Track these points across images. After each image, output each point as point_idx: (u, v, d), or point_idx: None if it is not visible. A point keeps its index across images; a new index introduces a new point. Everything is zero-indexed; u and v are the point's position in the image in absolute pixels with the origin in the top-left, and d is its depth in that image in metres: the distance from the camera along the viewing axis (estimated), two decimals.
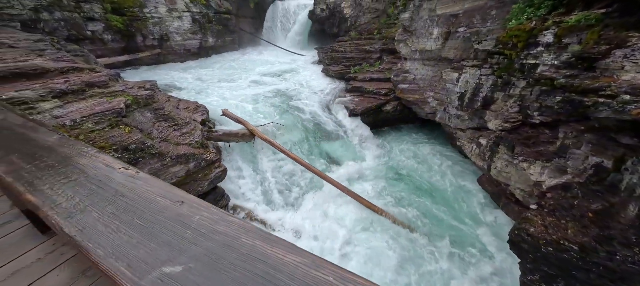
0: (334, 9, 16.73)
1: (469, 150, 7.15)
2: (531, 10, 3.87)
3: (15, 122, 2.29)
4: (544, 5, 3.76)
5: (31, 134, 1.99)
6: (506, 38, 4.03)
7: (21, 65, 5.25)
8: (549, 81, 3.56)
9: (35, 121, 2.46)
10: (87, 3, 11.73)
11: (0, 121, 2.33)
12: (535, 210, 3.57)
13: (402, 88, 9.46)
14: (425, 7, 6.90)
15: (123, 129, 4.56)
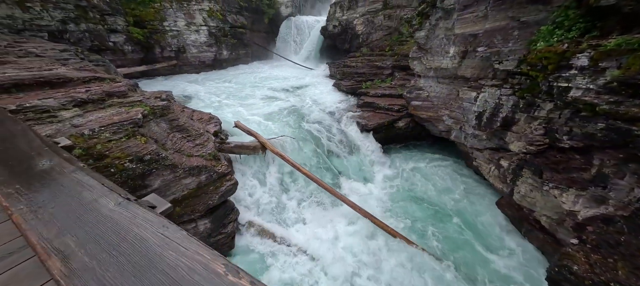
0: (347, 25, 17.04)
1: (486, 171, 6.88)
2: (561, 32, 3.75)
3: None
4: (575, 28, 3.65)
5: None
6: (535, 59, 3.91)
7: (46, 74, 5.41)
8: (588, 106, 3.37)
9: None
10: (111, 16, 12.30)
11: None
12: (576, 245, 3.28)
13: (415, 105, 9.34)
14: (441, 26, 6.89)
15: (139, 140, 4.56)
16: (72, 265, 1.06)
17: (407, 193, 7.69)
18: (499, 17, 4.83)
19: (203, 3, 14.67)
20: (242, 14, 17.46)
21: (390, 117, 9.86)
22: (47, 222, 1.32)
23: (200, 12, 14.79)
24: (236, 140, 7.62)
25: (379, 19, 15.68)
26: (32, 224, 1.28)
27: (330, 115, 10.77)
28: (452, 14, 6.51)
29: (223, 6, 15.76)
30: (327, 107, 11.39)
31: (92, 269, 1.03)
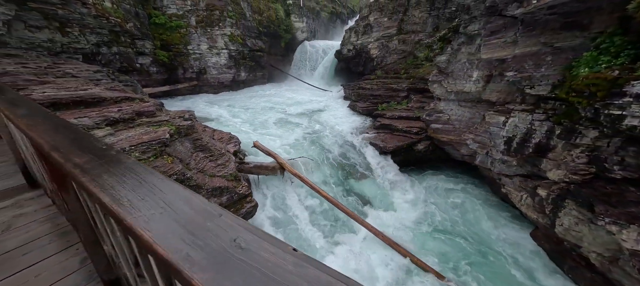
0: (361, 49, 17.47)
1: (517, 199, 6.48)
2: (607, 58, 3.61)
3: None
4: (623, 54, 3.50)
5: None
6: (581, 86, 3.75)
7: (82, 93, 5.66)
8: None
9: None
10: (140, 40, 13.10)
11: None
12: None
13: (435, 128, 9.16)
14: (464, 51, 6.87)
15: (166, 160, 4.58)
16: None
17: (432, 221, 7.29)
18: (529, 43, 4.77)
19: (225, 29, 15.50)
20: (260, 38, 18.28)
21: (409, 140, 9.67)
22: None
23: (222, 36, 15.58)
24: (255, 160, 7.59)
25: (394, 43, 16.01)
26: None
27: (347, 136, 10.69)
28: (475, 40, 6.50)
29: (243, 31, 16.58)
30: (343, 129, 11.35)
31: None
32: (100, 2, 10.85)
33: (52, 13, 9.56)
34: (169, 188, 0.80)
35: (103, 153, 1.00)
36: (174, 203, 0.72)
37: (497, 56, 5.47)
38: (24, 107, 1.57)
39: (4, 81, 5.62)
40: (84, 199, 1.11)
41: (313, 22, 24.27)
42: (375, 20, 16.32)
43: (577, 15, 4.02)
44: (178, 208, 0.71)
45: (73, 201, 1.18)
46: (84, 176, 0.83)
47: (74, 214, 1.22)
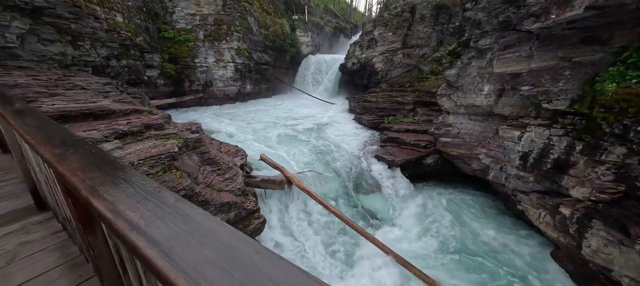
0: (365, 63, 17.65)
1: (535, 216, 6.22)
2: (636, 73, 3.51)
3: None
4: None
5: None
6: (610, 101, 3.63)
7: (91, 106, 5.62)
8: None
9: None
10: (149, 53, 13.31)
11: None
12: None
13: (444, 142, 9.00)
14: (474, 65, 6.83)
15: (175, 174, 4.45)
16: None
17: (446, 238, 7.00)
18: (546, 57, 4.70)
19: (232, 42, 15.76)
20: (266, 52, 18.56)
21: (418, 154, 9.50)
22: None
23: (229, 50, 15.82)
24: (262, 174, 7.43)
25: (398, 57, 16.16)
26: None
27: (353, 149, 10.55)
28: (486, 54, 6.46)
29: (250, 45, 16.85)
30: (350, 141, 11.23)
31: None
32: (112, 16, 11.10)
33: (65, 27, 9.76)
34: (241, 243, 0.62)
35: (143, 188, 0.86)
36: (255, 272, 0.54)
37: (511, 70, 5.40)
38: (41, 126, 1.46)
39: (15, 93, 5.61)
40: (114, 244, 0.96)
41: (317, 37, 24.72)
42: (380, 34, 16.56)
43: (597, 30, 3.96)
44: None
45: (100, 245, 1.03)
46: (118, 219, 0.69)
47: (99, 259, 1.07)
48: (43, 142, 1.19)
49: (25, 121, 1.54)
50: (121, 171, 0.95)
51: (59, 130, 1.43)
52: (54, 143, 1.20)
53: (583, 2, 3.56)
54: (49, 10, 9.00)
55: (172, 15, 14.60)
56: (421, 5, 15.17)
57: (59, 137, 1.38)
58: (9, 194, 2.29)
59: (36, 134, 1.43)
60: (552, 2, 3.98)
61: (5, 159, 2.81)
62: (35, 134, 1.38)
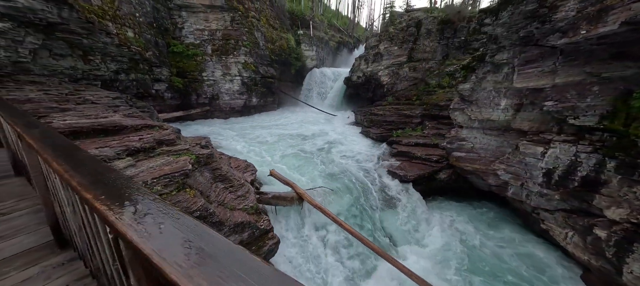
0: (371, 76, 17.73)
1: (561, 237, 5.91)
2: None
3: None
4: None
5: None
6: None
7: (103, 121, 5.51)
8: None
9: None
10: (158, 67, 13.42)
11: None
12: None
13: (457, 156, 8.79)
14: (489, 79, 6.74)
15: (188, 193, 4.25)
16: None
17: (463, 258, 6.66)
18: (572, 73, 4.58)
19: (239, 57, 15.92)
20: (272, 66, 18.73)
21: (431, 168, 9.27)
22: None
23: (236, 64, 15.96)
24: (274, 191, 7.21)
25: (404, 70, 16.23)
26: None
27: (363, 163, 10.34)
28: (502, 68, 6.37)
29: (256, 59, 17.02)
30: (359, 156, 11.04)
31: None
32: (124, 32, 11.24)
33: (77, 42, 9.87)
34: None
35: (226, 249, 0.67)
36: None
37: (534, 85, 5.28)
38: (70, 154, 1.30)
39: (26, 108, 5.52)
40: None
41: (322, 51, 25.07)
42: (386, 49, 16.71)
43: (629, 45, 3.86)
44: None
45: None
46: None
47: None
48: (78, 177, 1.02)
49: (53, 147, 1.37)
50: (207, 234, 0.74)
51: (90, 161, 1.26)
52: (89, 179, 1.02)
53: (618, 18, 3.48)
54: (62, 26, 9.11)
55: (182, 30, 14.84)
56: (427, 20, 15.37)
57: (90, 167, 1.22)
58: (24, 227, 2.05)
59: (65, 162, 1.26)
60: (581, 18, 3.91)
61: (18, 183, 2.61)
62: (65, 164, 1.21)
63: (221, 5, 15.01)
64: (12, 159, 2.72)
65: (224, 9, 15.17)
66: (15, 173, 2.74)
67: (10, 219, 1.95)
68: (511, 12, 5.06)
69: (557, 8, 4.16)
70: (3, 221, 1.91)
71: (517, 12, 4.92)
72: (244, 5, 16.13)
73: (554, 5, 4.19)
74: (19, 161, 2.58)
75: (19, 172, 2.74)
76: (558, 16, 4.23)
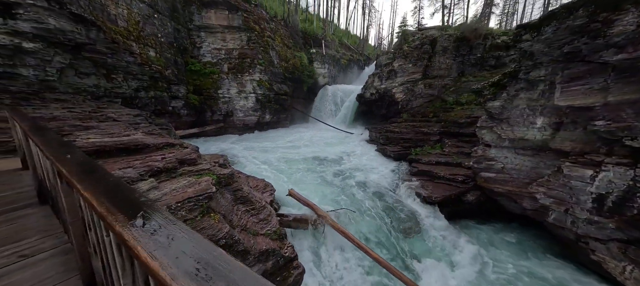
0: (384, 93, 17.60)
1: (616, 270, 5.26)
2: None
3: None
4: None
5: None
6: None
7: (125, 140, 5.40)
8: None
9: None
10: (176, 85, 13.67)
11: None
12: None
13: (486, 177, 8.28)
14: (522, 96, 6.39)
15: (213, 218, 3.97)
16: None
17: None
18: (628, 91, 4.23)
19: (255, 74, 16.15)
20: (285, 83, 18.92)
21: (457, 189, 8.74)
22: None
23: (251, 82, 16.17)
24: (294, 212, 6.85)
25: (419, 87, 16.04)
26: None
27: (384, 183, 9.90)
28: (537, 85, 6.04)
29: (271, 77, 17.23)
30: (378, 174, 10.62)
31: None
32: (146, 51, 11.57)
33: (101, 61, 10.16)
34: None
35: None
36: None
37: (580, 104, 4.91)
38: (115, 194, 1.05)
39: (52, 126, 5.49)
40: None
41: (333, 68, 25.35)
42: (400, 66, 16.67)
43: None
44: None
45: None
46: None
47: None
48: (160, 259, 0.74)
49: (95, 185, 1.13)
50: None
51: (139, 203, 1.00)
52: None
53: None
54: (89, 46, 9.41)
55: (200, 49, 15.25)
56: (442, 38, 15.34)
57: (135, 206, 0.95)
58: (49, 276, 1.65)
59: (109, 202, 1.00)
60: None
61: (42, 214, 2.34)
62: (108, 204, 0.95)
63: (239, 25, 15.45)
64: (38, 186, 2.53)
65: (241, 29, 15.59)
66: (39, 202, 2.54)
67: (34, 264, 1.67)
68: (556, 27, 4.82)
69: (612, 22, 3.89)
70: (26, 267, 1.64)
71: (562, 27, 4.67)
72: (260, 26, 16.58)
73: (609, 19, 3.93)
74: (45, 188, 2.38)
75: (44, 200, 2.54)
76: (614, 31, 3.96)
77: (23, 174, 3.53)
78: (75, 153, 1.55)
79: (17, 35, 7.62)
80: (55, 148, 1.63)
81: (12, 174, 3.71)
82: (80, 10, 8.61)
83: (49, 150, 1.55)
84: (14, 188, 3.11)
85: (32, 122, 2.23)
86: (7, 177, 3.55)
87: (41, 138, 1.76)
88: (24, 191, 2.85)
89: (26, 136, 2.16)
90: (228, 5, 15.05)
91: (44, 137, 1.80)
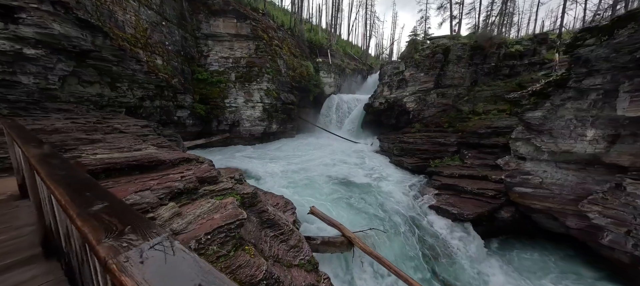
0: (394, 103, 17.18)
1: None
2: None
3: None
4: None
5: None
6: None
7: (137, 155, 4.77)
8: None
9: None
10: (182, 94, 13.12)
11: None
12: None
13: (522, 192, 7.70)
14: (569, 106, 5.91)
15: (248, 252, 3.32)
16: None
17: None
18: None
19: (262, 84, 15.69)
20: (292, 92, 18.48)
21: (489, 205, 8.12)
22: None
23: (259, 91, 15.69)
24: (322, 235, 6.18)
25: (432, 97, 15.65)
26: None
27: (407, 198, 9.26)
28: (589, 95, 5.56)
29: (278, 86, 16.79)
30: (398, 188, 9.99)
31: None
32: (153, 59, 11.06)
33: (106, 69, 9.61)
34: None
35: None
36: None
37: None
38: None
39: (53, 140, 4.85)
40: None
41: (339, 78, 25.06)
42: (411, 75, 16.32)
43: None
44: None
45: None
46: None
47: None
48: None
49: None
50: None
51: None
52: None
53: None
54: (94, 53, 8.87)
55: (207, 58, 14.81)
56: (456, 46, 15.07)
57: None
58: None
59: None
60: None
61: (47, 277, 1.64)
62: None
63: (247, 34, 15.10)
64: (43, 232, 1.88)
65: (249, 37, 15.24)
66: (44, 255, 1.89)
67: None
68: (634, 29, 4.38)
69: None
70: None
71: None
72: (268, 34, 16.25)
73: None
74: (50, 237, 1.73)
75: (51, 252, 1.88)
76: None
77: (20, 206, 2.78)
78: (113, 201, 0.94)
79: (18, 41, 7.06)
80: (77, 191, 1.02)
81: (6, 205, 2.89)
82: (87, 15, 8.11)
83: (68, 202, 0.95)
84: (7, 229, 2.30)
85: (39, 148, 1.60)
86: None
87: (55, 179, 1.15)
88: (23, 235, 2.13)
89: (30, 166, 1.55)
90: (237, 14, 14.73)
91: (58, 175, 1.18)
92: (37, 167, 1.23)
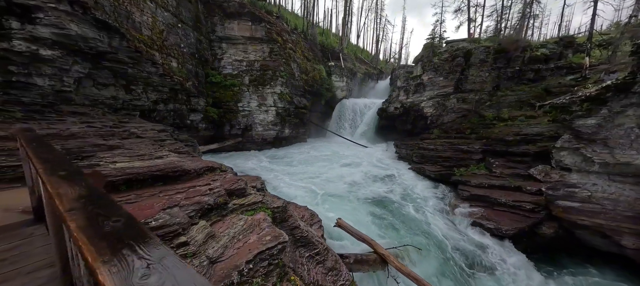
0: (410, 108, 16.62)
1: None
2: None
3: None
4: None
5: None
6: None
7: (160, 164, 4.34)
8: None
9: None
10: (195, 97, 12.83)
11: None
12: None
13: (566, 207, 7.04)
14: (630, 113, 5.31)
15: (294, 284, 2.81)
16: None
17: None
18: None
19: (276, 87, 15.35)
20: (305, 96, 18.11)
21: (528, 220, 7.47)
22: None
23: (272, 94, 15.34)
24: (354, 252, 5.65)
25: (452, 102, 15.05)
26: None
27: (434, 210, 8.66)
28: None
29: (291, 90, 16.43)
30: (424, 198, 9.40)
31: None
32: (169, 62, 10.80)
33: (122, 71, 9.34)
34: None
35: None
36: None
37: None
38: None
39: (70, 146, 4.47)
40: None
41: (350, 82, 24.65)
42: (429, 79, 15.77)
43: None
44: None
45: None
46: None
47: None
48: None
49: None
50: None
51: None
52: None
53: None
54: (110, 54, 8.61)
55: (221, 61, 14.56)
56: (478, 50, 14.49)
57: None
58: None
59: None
60: None
61: None
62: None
63: (261, 37, 14.82)
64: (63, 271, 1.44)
65: (264, 40, 14.95)
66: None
67: None
68: None
69: None
70: None
71: None
72: (282, 37, 15.96)
73: None
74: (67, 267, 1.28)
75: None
76: None
77: (35, 234, 2.20)
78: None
79: (35, 42, 6.81)
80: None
81: (16, 233, 2.23)
82: (105, 16, 7.86)
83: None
84: (16, 274, 1.68)
85: (66, 185, 1.10)
86: (8, 240, 2.11)
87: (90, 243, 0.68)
88: (40, 277, 1.61)
89: (50, 198, 1.10)
90: (252, 17, 14.47)
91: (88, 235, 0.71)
92: (67, 219, 0.77)
